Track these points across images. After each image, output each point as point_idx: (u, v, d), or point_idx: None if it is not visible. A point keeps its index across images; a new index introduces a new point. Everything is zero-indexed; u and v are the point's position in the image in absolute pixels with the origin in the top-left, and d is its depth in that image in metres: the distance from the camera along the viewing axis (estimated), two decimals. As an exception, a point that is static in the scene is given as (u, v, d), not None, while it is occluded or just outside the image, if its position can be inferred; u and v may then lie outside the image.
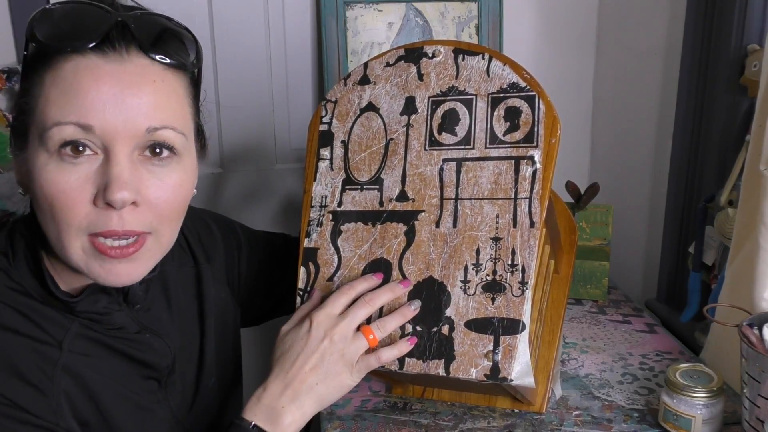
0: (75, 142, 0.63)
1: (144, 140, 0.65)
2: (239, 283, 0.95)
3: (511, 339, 0.74)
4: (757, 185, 0.93)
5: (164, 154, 0.67)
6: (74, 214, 0.63)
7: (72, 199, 0.63)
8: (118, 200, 0.63)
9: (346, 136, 0.85)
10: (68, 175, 0.63)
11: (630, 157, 1.53)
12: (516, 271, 0.75)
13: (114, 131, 0.63)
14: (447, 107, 0.82)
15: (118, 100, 0.63)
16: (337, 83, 0.88)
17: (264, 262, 0.98)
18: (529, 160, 0.77)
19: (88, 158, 0.63)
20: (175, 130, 0.67)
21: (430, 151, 0.81)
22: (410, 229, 0.80)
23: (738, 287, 0.99)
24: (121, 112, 0.63)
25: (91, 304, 0.70)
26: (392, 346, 0.77)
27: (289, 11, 1.47)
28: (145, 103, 0.64)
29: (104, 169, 0.63)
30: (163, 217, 0.68)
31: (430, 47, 0.84)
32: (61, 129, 0.62)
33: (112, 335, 0.72)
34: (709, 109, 1.19)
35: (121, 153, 0.64)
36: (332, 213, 0.84)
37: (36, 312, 0.68)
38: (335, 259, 0.83)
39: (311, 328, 0.75)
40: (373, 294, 0.78)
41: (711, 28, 1.17)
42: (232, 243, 0.95)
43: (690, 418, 0.86)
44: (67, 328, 0.69)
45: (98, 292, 0.70)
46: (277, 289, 0.99)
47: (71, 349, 0.69)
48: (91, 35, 0.63)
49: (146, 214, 0.66)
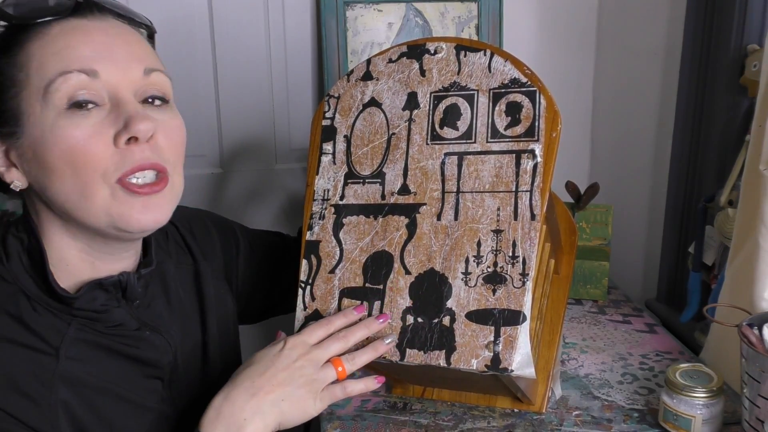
0: (83, 99, 0.64)
1: (142, 85, 0.68)
2: (237, 282, 0.95)
3: (511, 330, 0.74)
4: (757, 185, 0.93)
5: (157, 103, 0.70)
6: (98, 158, 0.64)
7: (93, 144, 0.64)
8: (143, 130, 0.65)
9: (348, 130, 0.86)
10: (83, 124, 0.64)
11: (630, 157, 1.53)
12: (517, 262, 0.76)
13: (117, 76, 0.66)
14: (449, 102, 0.82)
15: (111, 49, 0.67)
16: (340, 79, 0.89)
17: (262, 260, 0.98)
18: (530, 154, 0.78)
19: (97, 109, 0.65)
20: (164, 73, 0.71)
21: (431, 145, 0.82)
22: (412, 221, 0.81)
23: (738, 287, 0.99)
24: (118, 58, 0.67)
25: (90, 302, 0.70)
26: (360, 380, 0.77)
27: (289, 11, 1.47)
28: (135, 49, 0.69)
29: (117, 113, 0.65)
30: (175, 154, 0.71)
31: (432, 44, 0.85)
32: (67, 78, 0.64)
33: (110, 334, 0.72)
34: (709, 109, 1.20)
35: (127, 95, 0.66)
36: (334, 206, 0.85)
37: (31, 317, 0.67)
38: (337, 251, 0.83)
39: (284, 348, 0.75)
40: (348, 331, 0.78)
41: (711, 28, 1.17)
42: (230, 241, 0.95)
43: (690, 418, 0.86)
44: (63, 334, 0.68)
45: (96, 289, 0.70)
46: (275, 287, 0.99)
47: (68, 355, 0.68)
48: (67, 6, 0.66)
49: (161, 149, 0.68)
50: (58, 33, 0.66)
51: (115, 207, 0.66)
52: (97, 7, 0.69)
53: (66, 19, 0.66)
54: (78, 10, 0.67)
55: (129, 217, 0.67)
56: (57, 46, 0.65)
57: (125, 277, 0.73)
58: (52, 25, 0.66)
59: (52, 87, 0.64)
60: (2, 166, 0.68)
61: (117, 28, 0.69)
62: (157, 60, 0.72)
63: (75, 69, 0.64)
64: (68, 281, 0.71)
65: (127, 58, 0.67)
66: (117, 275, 0.72)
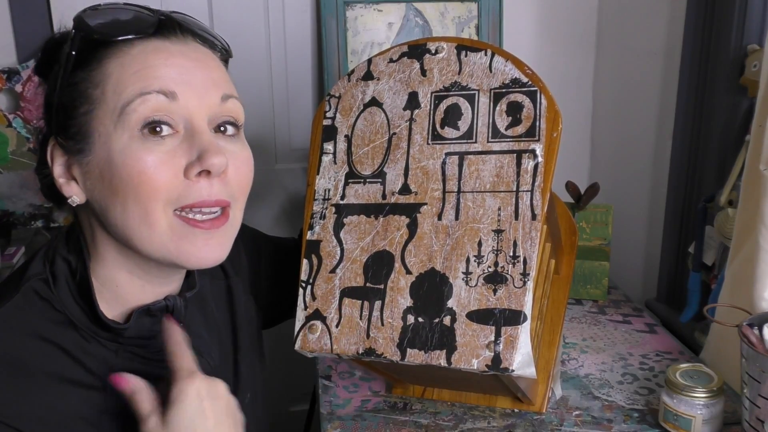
0: (158, 121, 0.63)
1: (217, 111, 0.67)
2: (262, 294, 0.94)
3: (512, 330, 0.74)
4: (757, 185, 0.93)
5: (230, 132, 0.68)
6: (164, 186, 0.63)
7: (162, 172, 0.62)
8: (216, 164, 0.63)
9: (349, 130, 0.86)
10: (155, 150, 0.62)
11: (630, 157, 1.53)
12: (518, 262, 0.76)
13: (194, 100, 0.64)
14: (449, 102, 0.82)
15: (190, 72, 0.65)
16: (341, 79, 0.89)
17: (281, 267, 0.97)
18: (531, 154, 0.78)
19: (171, 136, 0.64)
20: (239, 101, 0.70)
21: (432, 145, 0.82)
22: (413, 221, 0.81)
23: (738, 287, 0.99)
24: (197, 83, 0.65)
25: (140, 328, 0.68)
26: None
27: (289, 11, 1.48)
28: (214, 74, 0.67)
29: (191, 143, 0.64)
30: (242, 189, 0.69)
31: (433, 44, 0.85)
32: (145, 99, 0.62)
33: (155, 360, 0.70)
34: (709, 109, 1.20)
35: (202, 125, 0.65)
36: (335, 206, 0.84)
37: (79, 347, 0.66)
38: (338, 251, 0.83)
39: None
40: None
41: (711, 28, 1.17)
42: (254, 252, 0.94)
43: (690, 418, 0.86)
44: (111, 364, 0.67)
45: (144, 316, 0.69)
46: (291, 292, 0.98)
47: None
48: (150, 24, 0.65)
49: (229, 184, 0.67)
50: (138, 53, 0.64)
51: (174, 241, 0.64)
52: (180, 28, 0.67)
53: (148, 39, 0.65)
54: (160, 30, 0.66)
55: (188, 253, 0.65)
56: (137, 66, 0.63)
57: (172, 301, 0.71)
58: (133, 43, 0.64)
59: (129, 108, 0.62)
60: (62, 177, 0.66)
61: (197, 52, 0.67)
62: (233, 86, 0.70)
63: (155, 90, 0.62)
64: (115, 304, 0.69)
65: (206, 83, 0.66)
66: (163, 300, 0.70)
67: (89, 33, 0.63)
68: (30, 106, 1.42)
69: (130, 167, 0.62)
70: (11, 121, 1.42)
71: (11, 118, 1.42)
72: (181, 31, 0.67)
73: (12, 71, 1.41)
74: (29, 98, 1.42)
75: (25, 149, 1.43)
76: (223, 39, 0.74)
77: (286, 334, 0.86)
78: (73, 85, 0.64)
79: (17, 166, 1.43)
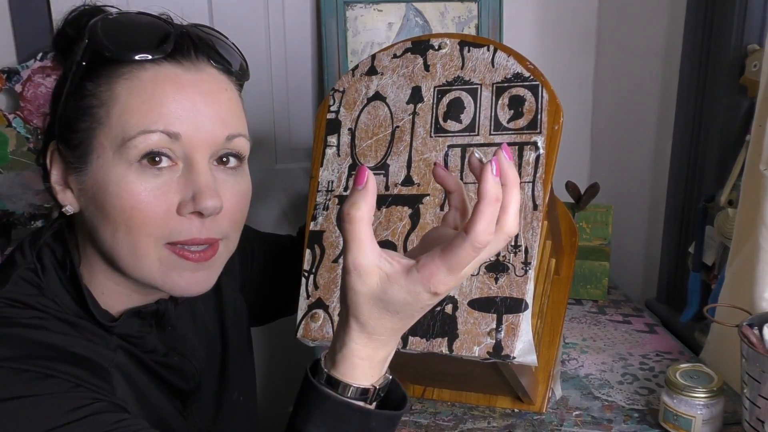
0: (158, 152, 0.62)
1: (220, 148, 0.65)
2: (250, 287, 0.94)
3: (513, 317, 0.74)
4: (757, 185, 0.93)
5: (232, 164, 0.67)
6: (157, 223, 0.62)
7: (155, 207, 0.62)
8: (210, 208, 0.62)
9: (353, 123, 0.87)
10: (150, 184, 0.62)
11: (630, 157, 1.53)
12: (519, 251, 0.76)
13: (198, 139, 0.63)
14: (452, 96, 0.83)
15: (199, 108, 0.63)
16: (345, 74, 0.90)
17: (273, 264, 0.97)
18: (533, 146, 0.79)
19: (168, 168, 0.63)
20: (245, 137, 0.68)
21: (435, 137, 0.83)
22: (415, 212, 0.81)
23: (738, 287, 0.99)
24: (203, 120, 0.63)
25: (127, 328, 0.68)
26: None
27: (289, 11, 1.48)
28: (223, 111, 0.65)
29: (187, 179, 0.63)
30: (236, 223, 0.68)
31: (436, 40, 0.86)
32: (147, 137, 0.61)
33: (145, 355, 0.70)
34: (709, 109, 1.20)
35: (202, 161, 0.64)
36: (338, 197, 0.85)
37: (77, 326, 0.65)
38: (341, 241, 0.83)
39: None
40: None
41: (711, 28, 1.17)
42: (246, 249, 0.94)
43: (690, 419, 0.86)
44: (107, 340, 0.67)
45: (133, 317, 0.69)
46: (286, 290, 0.99)
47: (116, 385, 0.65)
48: (164, 46, 0.63)
49: (224, 221, 0.66)
50: (149, 80, 0.62)
51: (162, 271, 0.64)
52: (195, 51, 0.65)
53: (160, 64, 0.63)
54: (174, 54, 0.64)
55: (174, 283, 0.65)
56: (145, 95, 0.62)
57: (163, 306, 0.71)
58: (145, 67, 0.63)
59: (130, 143, 0.61)
60: (59, 185, 0.66)
61: (209, 84, 0.65)
62: (242, 120, 0.68)
63: (158, 129, 0.61)
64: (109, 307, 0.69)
65: (213, 120, 0.64)
66: (155, 303, 0.71)
67: (101, 48, 0.62)
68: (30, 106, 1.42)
69: (124, 199, 0.62)
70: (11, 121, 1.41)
71: (11, 118, 1.41)
72: (196, 53, 0.65)
73: (12, 71, 1.40)
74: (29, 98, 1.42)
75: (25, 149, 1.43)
76: (242, 56, 0.71)
77: (287, 334, 0.86)
78: (80, 96, 0.63)
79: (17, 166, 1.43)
